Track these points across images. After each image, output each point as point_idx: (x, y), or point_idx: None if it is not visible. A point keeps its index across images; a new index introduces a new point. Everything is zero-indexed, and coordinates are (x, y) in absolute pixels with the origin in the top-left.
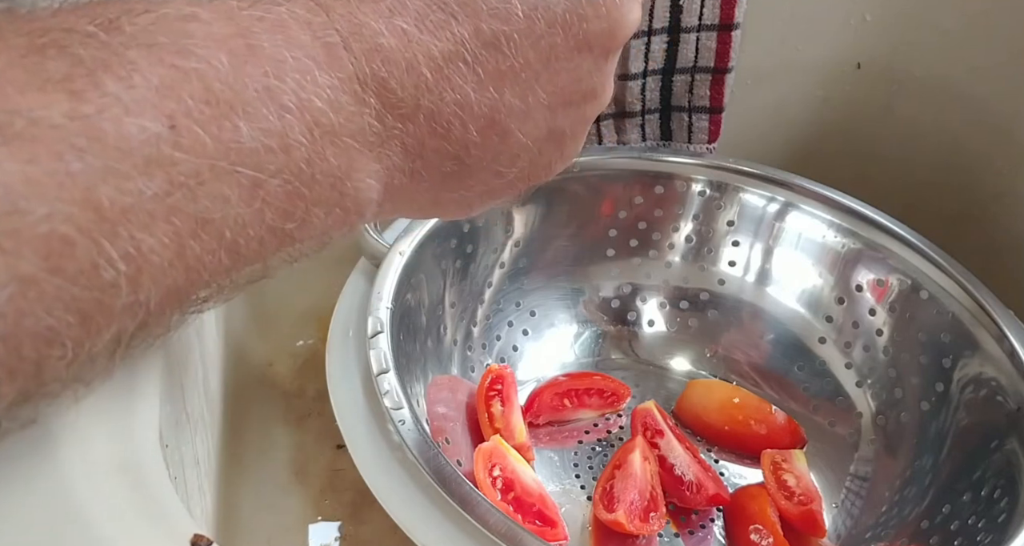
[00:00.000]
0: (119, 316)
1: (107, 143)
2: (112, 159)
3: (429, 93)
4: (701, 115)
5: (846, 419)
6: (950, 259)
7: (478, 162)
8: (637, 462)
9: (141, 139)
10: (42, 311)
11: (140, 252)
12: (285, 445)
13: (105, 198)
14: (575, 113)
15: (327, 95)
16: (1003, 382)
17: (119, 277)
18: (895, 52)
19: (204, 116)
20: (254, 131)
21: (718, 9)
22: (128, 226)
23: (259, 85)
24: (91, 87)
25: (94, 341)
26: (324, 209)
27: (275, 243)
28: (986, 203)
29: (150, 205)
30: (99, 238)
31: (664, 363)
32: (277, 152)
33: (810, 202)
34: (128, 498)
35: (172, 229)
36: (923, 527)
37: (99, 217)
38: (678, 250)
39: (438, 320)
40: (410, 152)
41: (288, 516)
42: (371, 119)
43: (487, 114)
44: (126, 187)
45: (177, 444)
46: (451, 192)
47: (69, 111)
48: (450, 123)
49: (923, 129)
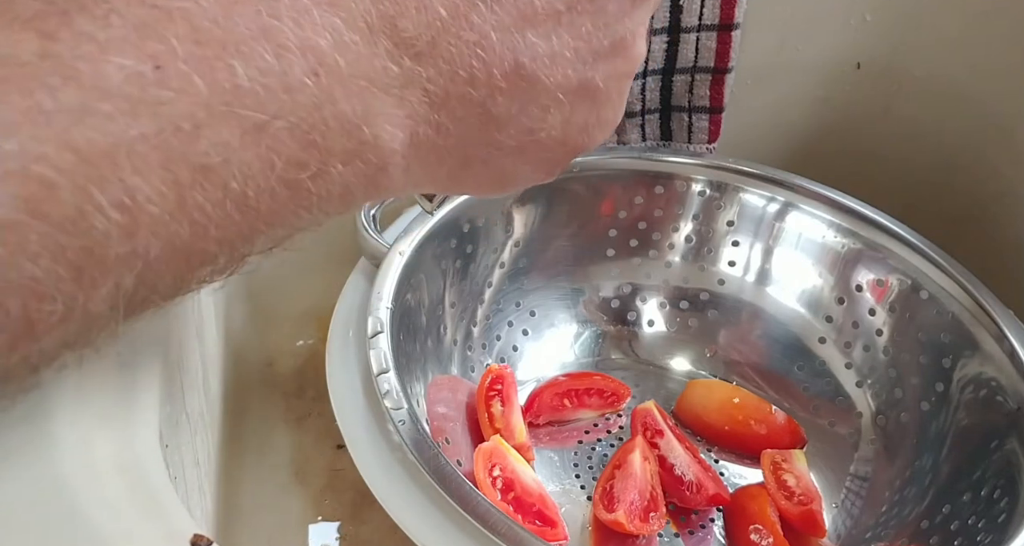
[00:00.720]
0: (114, 268)
1: (83, 82)
2: (91, 98)
3: (446, 33)
4: (701, 115)
5: (846, 419)
6: (950, 259)
7: (506, 111)
8: (637, 462)
9: (122, 78)
10: (26, 260)
11: (134, 200)
12: (285, 445)
13: (83, 139)
14: (607, 65)
15: (330, 36)
16: (1003, 382)
17: (111, 226)
18: (895, 52)
19: (193, 56)
20: (251, 70)
21: (718, 9)
22: (117, 170)
23: (252, 24)
24: (63, 26)
25: (89, 295)
26: (342, 159)
27: (290, 198)
28: (986, 203)
29: (140, 147)
30: (85, 183)
31: (664, 363)
32: (279, 93)
33: (810, 202)
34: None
35: (169, 176)
36: (923, 527)
37: (80, 159)
38: (678, 250)
39: (438, 320)
40: (433, 100)
41: (288, 516)
42: (386, 61)
43: (510, 57)
44: (108, 128)
45: (177, 444)
46: (480, 148)
47: (39, 49)
48: (472, 66)
49: (923, 129)
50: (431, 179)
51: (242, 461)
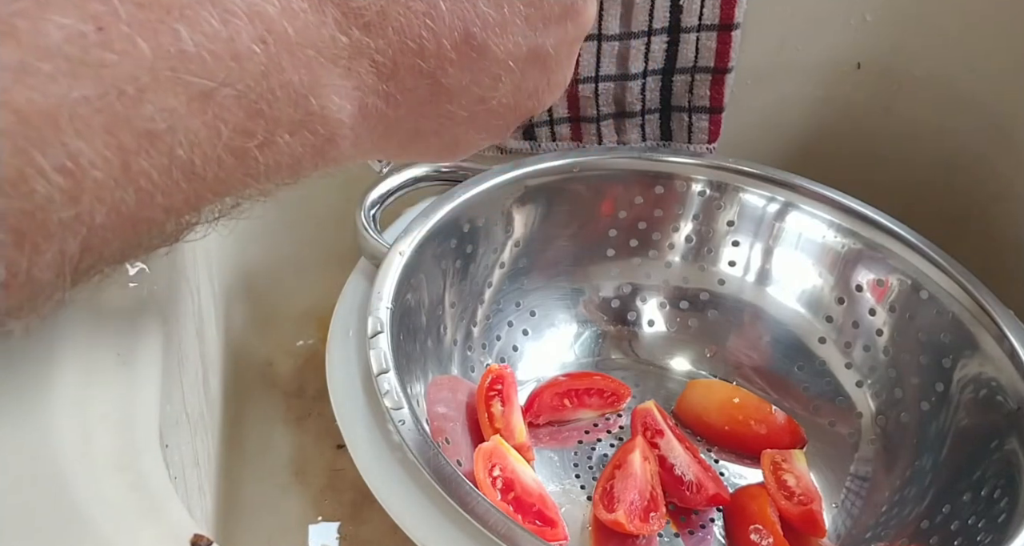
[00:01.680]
0: (58, 234)
1: (21, 40)
2: (30, 57)
3: (395, 3)
4: (701, 115)
5: (846, 419)
6: (950, 259)
7: (457, 82)
8: (637, 462)
9: (62, 37)
10: None
11: (77, 164)
12: (285, 445)
13: (23, 99)
14: (557, 31)
15: (278, 2)
16: (1003, 382)
17: (53, 190)
18: (895, 52)
19: (135, 19)
20: (196, 36)
21: (718, 9)
22: (59, 133)
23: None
24: None
25: (32, 261)
26: (288, 129)
27: (238, 166)
28: (986, 203)
29: (82, 110)
30: (25, 144)
31: (664, 363)
32: (226, 59)
33: (810, 202)
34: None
35: (114, 141)
36: (923, 527)
37: (20, 120)
38: (678, 250)
39: (438, 320)
40: (382, 71)
41: (288, 516)
42: (334, 31)
43: (460, 27)
44: (49, 89)
45: (177, 444)
46: (431, 120)
47: None
48: (421, 37)
49: (923, 129)
50: (381, 149)
51: (242, 461)
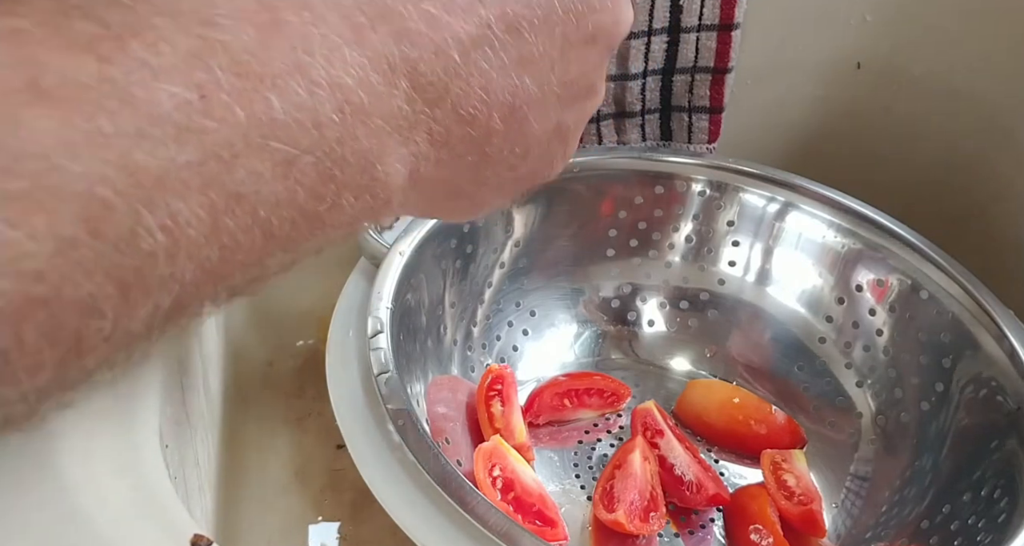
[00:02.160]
0: (156, 290)
1: (138, 107)
2: (144, 124)
3: (457, 78)
4: (701, 115)
5: (846, 419)
6: (950, 259)
7: (498, 152)
8: (637, 462)
9: (172, 105)
10: (83, 276)
11: (176, 223)
12: (285, 445)
13: (139, 163)
14: (579, 108)
15: (357, 74)
16: (1003, 382)
17: (157, 247)
18: (895, 52)
19: (234, 87)
20: (285, 105)
21: (718, 9)
22: (164, 194)
23: (288, 59)
24: (118, 51)
25: (132, 315)
26: (354, 193)
27: (307, 227)
28: (986, 203)
29: (184, 174)
30: (136, 204)
31: (664, 363)
32: (309, 128)
33: (810, 202)
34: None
35: (207, 201)
36: (923, 527)
37: (135, 182)
38: (678, 250)
39: (438, 320)
40: (436, 140)
41: (288, 516)
42: (401, 102)
43: (509, 101)
44: (159, 153)
45: (177, 444)
46: (468, 185)
47: (97, 73)
48: (476, 109)
49: (923, 129)
50: (418, 208)
51: (242, 461)
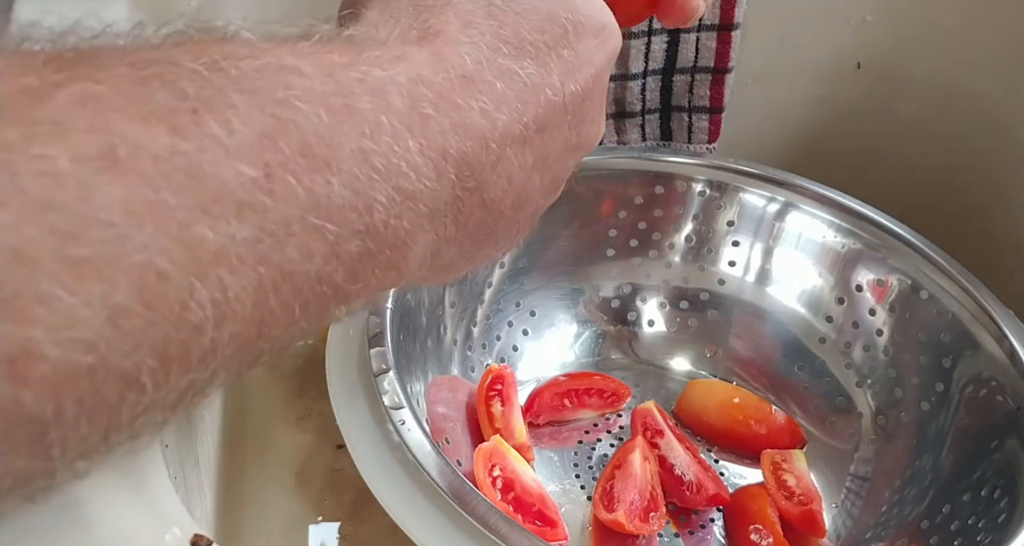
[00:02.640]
0: (196, 365)
1: (205, 183)
2: (208, 199)
3: (493, 170)
4: (701, 115)
5: (846, 419)
6: (950, 259)
7: (502, 232)
8: (637, 462)
9: (237, 183)
10: (130, 347)
11: (226, 298)
12: (285, 445)
13: (199, 236)
14: (546, 201)
15: (414, 161)
16: (1003, 382)
17: (206, 322)
18: (895, 52)
19: (299, 167)
20: (344, 189)
21: (718, 9)
22: (218, 269)
23: (354, 145)
24: (193, 125)
25: (169, 390)
26: (383, 271)
27: (335, 301)
28: (986, 203)
29: (240, 250)
30: (191, 277)
31: (664, 363)
32: (362, 212)
33: (810, 202)
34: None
35: (256, 277)
36: (923, 527)
37: (192, 256)
38: (678, 250)
39: (438, 320)
40: (460, 223)
41: (288, 516)
42: (445, 189)
43: (519, 191)
44: (219, 229)
45: (177, 444)
46: (464, 260)
47: (170, 146)
48: (498, 198)
49: (923, 129)
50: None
51: (242, 461)
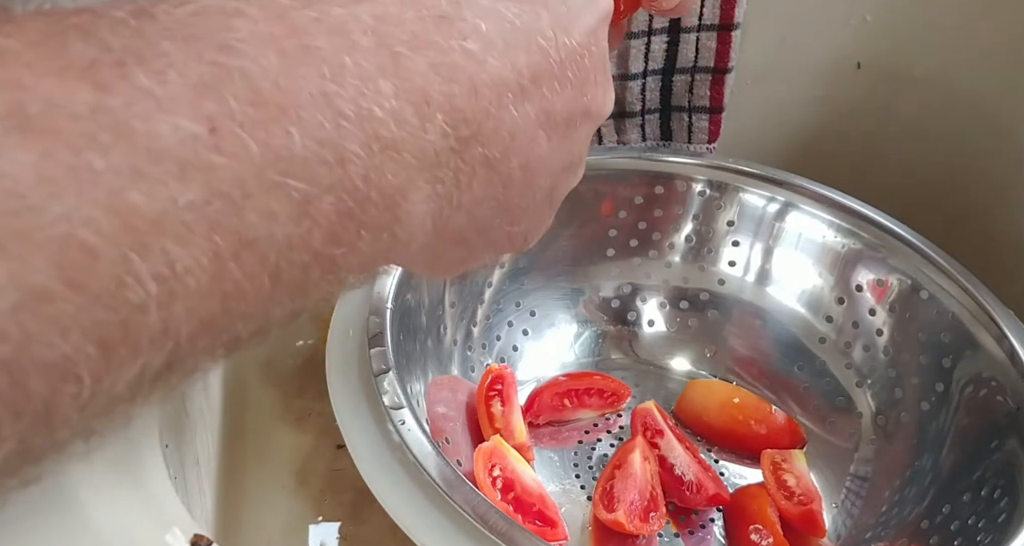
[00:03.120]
0: (146, 348)
1: (136, 141)
2: (142, 160)
3: (489, 118)
4: (701, 115)
5: (846, 419)
6: (950, 259)
7: (509, 202)
8: (637, 462)
9: (176, 140)
10: (56, 335)
11: (174, 272)
12: (285, 445)
13: (131, 204)
14: (567, 177)
15: (390, 105)
16: (1003, 382)
17: (149, 300)
18: (895, 52)
19: (249, 119)
20: (307, 139)
21: (718, 9)
22: (161, 238)
23: (314, 88)
24: (119, 78)
25: (115, 378)
26: (373, 234)
27: (319, 271)
28: (986, 203)
29: (187, 215)
30: (126, 250)
31: (664, 363)
32: (332, 165)
33: (810, 202)
34: (128, 498)
35: (212, 247)
36: (923, 527)
37: (126, 225)
38: (678, 250)
39: (438, 320)
40: (461, 181)
41: (288, 516)
42: (433, 137)
43: (527, 151)
44: (158, 193)
45: (177, 444)
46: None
47: (93, 102)
48: (501, 154)
49: (923, 129)
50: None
51: (242, 461)
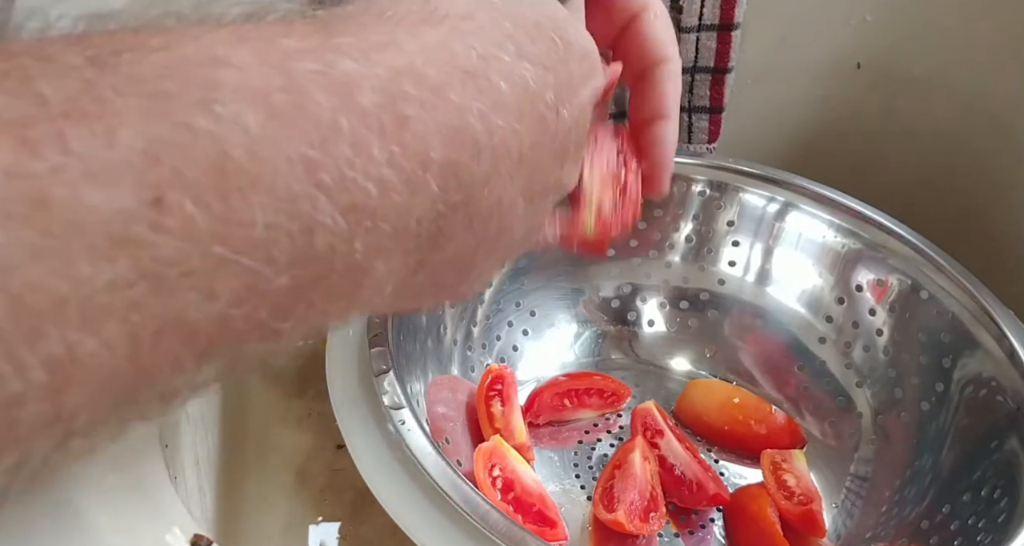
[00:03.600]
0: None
1: (52, 214)
2: (56, 235)
3: (483, 185)
4: (701, 115)
5: (846, 419)
6: (950, 259)
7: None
8: (637, 462)
9: (107, 212)
10: None
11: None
12: (285, 445)
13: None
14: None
15: (378, 174)
16: (1003, 382)
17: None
18: (895, 52)
19: (206, 189)
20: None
21: (718, 9)
22: (61, 325)
23: (295, 153)
24: (50, 137)
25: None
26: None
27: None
28: (986, 203)
29: (102, 298)
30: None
31: (664, 363)
32: (295, 236)
33: (810, 202)
34: (128, 498)
35: (126, 329)
36: (923, 527)
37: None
38: (678, 250)
39: (438, 320)
40: (438, 244)
41: (288, 516)
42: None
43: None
44: (69, 273)
45: (177, 444)
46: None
47: (11, 165)
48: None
49: (923, 129)
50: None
51: (242, 461)
